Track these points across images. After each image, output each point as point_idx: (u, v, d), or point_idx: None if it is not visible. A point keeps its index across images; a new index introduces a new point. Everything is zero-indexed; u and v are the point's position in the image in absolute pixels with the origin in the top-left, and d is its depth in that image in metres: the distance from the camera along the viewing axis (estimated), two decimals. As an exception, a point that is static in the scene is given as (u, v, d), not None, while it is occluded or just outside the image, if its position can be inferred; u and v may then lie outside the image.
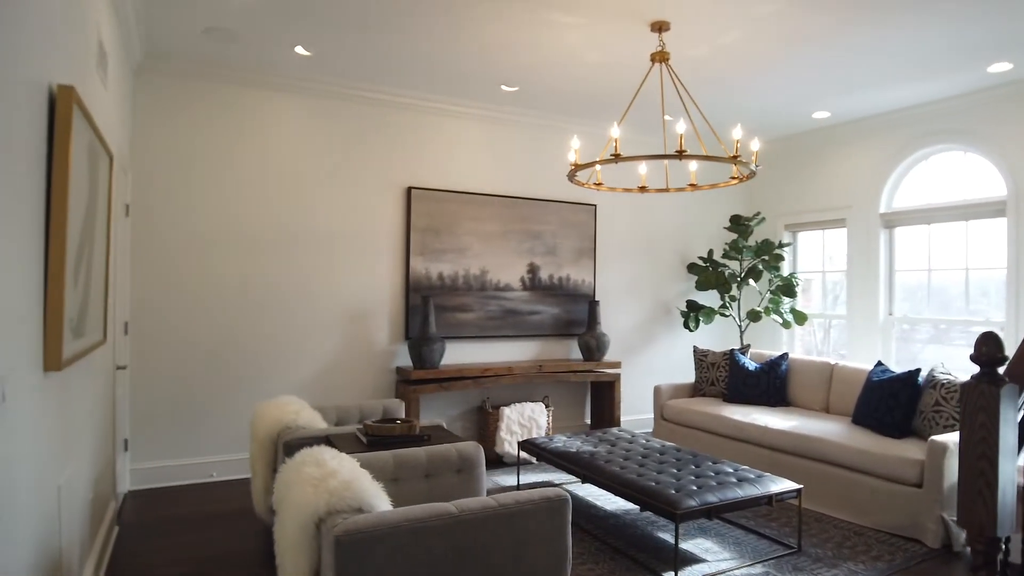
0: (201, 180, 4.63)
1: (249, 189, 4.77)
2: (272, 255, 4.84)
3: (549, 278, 5.88)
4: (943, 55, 4.31)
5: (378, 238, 5.19)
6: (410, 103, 5.25)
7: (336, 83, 4.93)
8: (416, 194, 5.29)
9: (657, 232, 6.52)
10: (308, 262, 4.94)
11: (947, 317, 5.38)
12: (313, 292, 4.96)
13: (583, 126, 5.99)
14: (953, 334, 5.39)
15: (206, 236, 4.64)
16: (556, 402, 5.95)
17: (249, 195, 4.77)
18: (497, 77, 4.85)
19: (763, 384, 5.19)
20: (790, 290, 5.99)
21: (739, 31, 3.98)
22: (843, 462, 4.06)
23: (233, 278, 4.72)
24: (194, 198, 4.61)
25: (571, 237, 5.98)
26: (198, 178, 4.62)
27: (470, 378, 5.12)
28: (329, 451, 2.46)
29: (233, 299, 4.72)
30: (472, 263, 5.52)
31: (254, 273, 4.78)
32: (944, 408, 3.94)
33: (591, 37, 4.07)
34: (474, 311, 5.53)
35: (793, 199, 6.51)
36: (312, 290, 4.96)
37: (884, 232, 5.76)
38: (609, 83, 4.91)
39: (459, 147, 5.52)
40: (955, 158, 5.31)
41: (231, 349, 4.71)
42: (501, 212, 5.65)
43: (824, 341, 6.50)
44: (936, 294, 5.49)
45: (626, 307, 6.35)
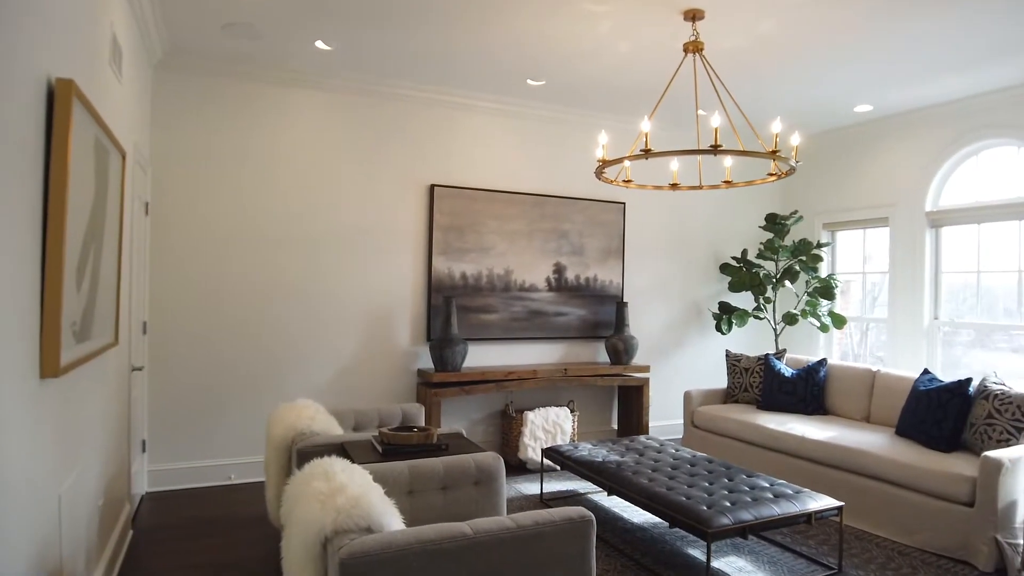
0: (221, 178, 4.56)
1: (269, 187, 4.69)
2: (292, 254, 4.75)
3: (576, 278, 5.70)
4: (991, 44, 4.02)
5: (400, 237, 5.08)
6: (433, 98, 5.12)
7: (357, 78, 4.83)
8: (439, 192, 5.16)
9: (688, 231, 6.30)
10: (328, 261, 4.85)
11: (997, 322, 5.08)
12: (333, 292, 4.87)
13: (612, 121, 5.80)
14: (1001, 339, 5.08)
15: (226, 235, 4.57)
16: (582, 407, 5.78)
17: (269, 193, 4.69)
18: (523, 71, 4.69)
19: (800, 391, 4.95)
20: (828, 292, 5.72)
21: (776, 19, 3.76)
22: (886, 476, 3.82)
23: (253, 277, 4.64)
24: (214, 196, 4.54)
25: (598, 236, 5.79)
26: (218, 176, 4.55)
27: (493, 381, 4.98)
28: (340, 463, 2.33)
29: (253, 299, 4.64)
30: (496, 263, 5.38)
31: (274, 272, 4.70)
32: (998, 421, 3.68)
33: (621, 26, 3.89)
34: (498, 312, 5.39)
35: (832, 197, 6.23)
36: (332, 290, 4.86)
37: (930, 231, 5.46)
38: (639, 75, 4.72)
39: (483, 143, 5.38)
40: (1008, 153, 5.00)
41: (251, 349, 4.64)
42: (526, 210, 5.49)
43: (861, 344, 6.22)
44: (985, 297, 5.19)
45: (655, 309, 6.15)
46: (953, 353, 5.37)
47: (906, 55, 4.27)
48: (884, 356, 5.93)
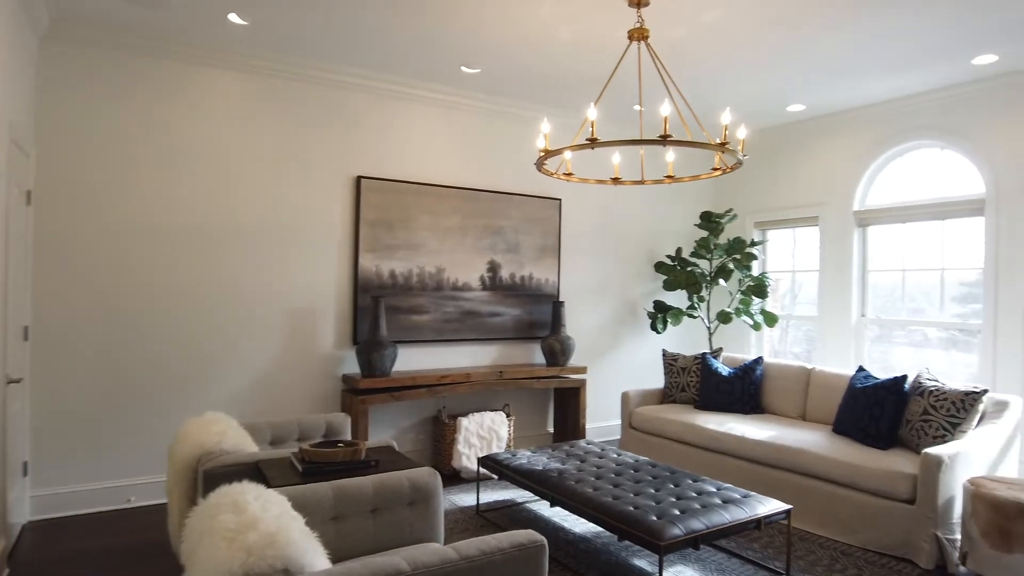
0: (118, 165, 4.06)
1: (176, 176, 4.22)
2: (202, 250, 4.30)
3: (511, 277, 5.48)
4: (929, 45, 4.08)
5: (323, 232, 4.70)
6: (361, 84, 4.78)
7: (277, 59, 4.42)
8: (367, 184, 4.82)
9: (623, 229, 6.19)
10: (242, 259, 4.42)
11: (922, 319, 5.20)
12: (248, 292, 4.44)
13: (550, 114, 5.61)
14: (926, 336, 5.21)
15: (125, 228, 4.08)
16: (517, 410, 5.56)
17: (176, 183, 4.22)
18: (458, 57, 4.42)
19: (737, 390, 4.91)
20: (762, 290, 5.74)
21: (721, 9, 3.65)
22: (828, 476, 3.79)
23: (156, 276, 4.17)
24: (111, 185, 4.04)
25: (534, 233, 5.59)
26: (115, 163, 4.05)
27: (425, 386, 4.69)
28: (252, 489, 2.00)
29: (156, 300, 4.17)
30: (428, 261, 5.08)
31: (181, 271, 4.24)
32: (933, 417, 3.70)
33: (563, 11, 3.69)
34: (429, 313, 5.09)
35: (764, 196, 6.27)
36: (247, 290, 4.44)
37: (858, 231, 5.55)
38: (581, 65, 4.54)
39: (415, 134, 5.07)
40: (932, 155, 5.13)
41: (154, 356, 4.16)
42: (460, 205, 5.22)
43: (780, 341, 6.29)
44: (910, 295, 5.31)
45: (591, 308, 6.01)
46: (884, 351, 5.48)
47: (840, 55, 4.28)
48: (800, 352, 6.00)
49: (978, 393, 3.62)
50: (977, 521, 3.18)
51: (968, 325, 4.91)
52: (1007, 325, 4.59)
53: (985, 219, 4.73)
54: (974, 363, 4.86)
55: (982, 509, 3.17)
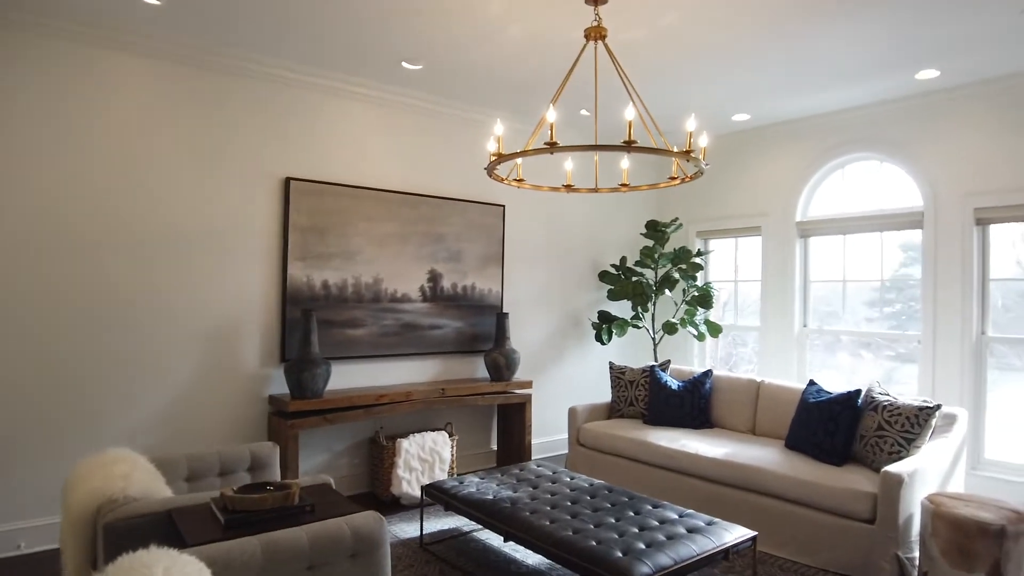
0: (11, 161, 3.52)
1: (77, 174, 3.71)
2: (108, 259, 3.80)
3: (452, 287, 5.18)
4: (874, 58, 4.08)
5: (247, 239, 4.27)
6: (292, 78, 4.37)
7: (197, 45, 3.97)
8: (297, 187, 4.41)
9: (568, 236, 6.00)
10: (156, 268, 3.94)
11: (863, 330, 5.25)
12: (163, 305, 3.96)
13: (497, 116, 5.35)
14: (867, 346, 5.27)
15: (20, 231, 3.54)
16: (459, 428, 5.26)
17: (77, 182, 3.71)
18: (399, 51, 4.10)
19: (687, 404, 4.79)
20: (707, 300, 5.67)
21: (679, 12, 3.50)
22: (785, 494, 3.69)
23: (54, 286, 3.64)
24: (1, 184, 3.50)
25: (477, 241, 5.31)
26: (6, 158, 3.51)
27: (361, 407, 4.32)
28: (163, 558, 1.64)
29: (53, 315, 3.64)
30: (364, 270, 4.72)
31: (84, 280, 3.72)
32: (888, 433, 3.66)
33: (516, 7, 3.44)
34: (366, 326, 4.73)
35: (707, 205, 6.23)
36: (162, 303, 3.96)
37: (800, 241, 5.57)
38: (531, 65, 4.30)
39: (351, 134, 4.70)
40: (872, 167, 5.19)
41: (50, 379, 3.63)
42: (399, 211, 4.89)
43: (722, 351, 6.26)
44: (851, 306, 5.36)
45: (536, 319, 5.78)
46: (820, 359, 5.50)
47: (786, 67, 4.24)
48: (739, 362, 5.99)
49: (932, 408, 3.60)
50: (937, 540, 3.12)
51: (907, 336, 4.97)
52: (945, 337, 4.66)
53: (924, 232, 4.80)
54: (914, 373, 4.92)
55: (942, 528, 3.11)
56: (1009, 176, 4.38)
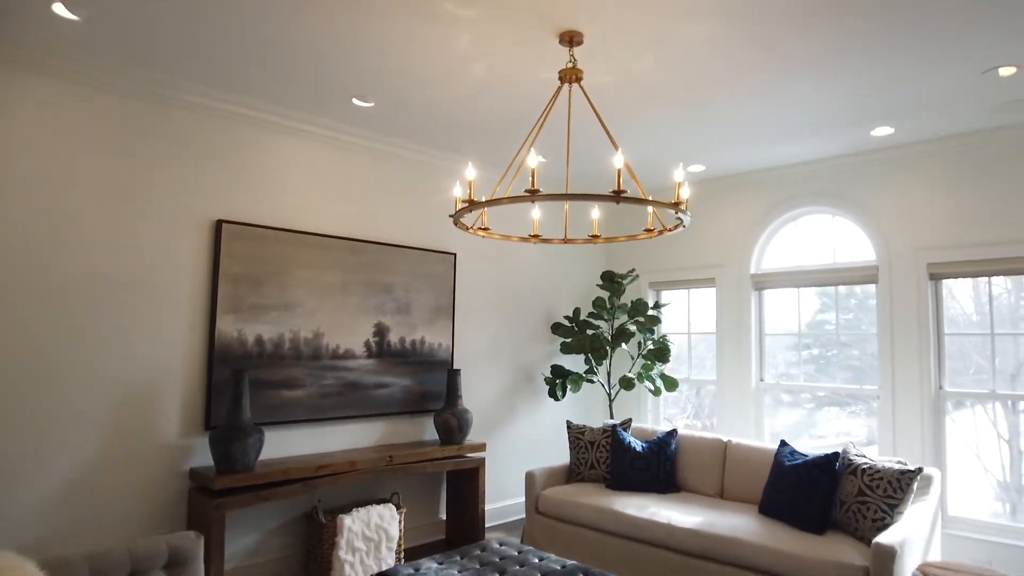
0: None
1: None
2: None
3: (400, 342, 4.77)
4: (832, 114, 4.09)
5: (170, 288, 3.75)
6: (227, 110, 3.95)
7: (119, 68, 3.51)
8: (229, 230, 3.95)
9: (520, 287, 5.72)
10: (55, 322, 3.37)
11: (821, 384, 5.18)
12: (66, 365, 3.37)
13: (451, 162, 5.07)
14: (823, 400, 5.20)
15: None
16: (406, 497, 4.78)
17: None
18: (349, 86, 3.77)
19: (652, 467, 4.51)
20: (664, 354, 5.48)
21: (654, 57, 3.35)
22: (766, 567, 3.43)
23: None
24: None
25: (427, 292, 4.95)
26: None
27: (299, 480, 3.81)
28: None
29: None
30: (303, 323, 4.26)
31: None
32: (871, 498, 3.49)
33: (484, 44, 3.19)
34: (304, 387, 4.24)
35: (660, 255, 6.11)
36: (64, 362, 3.37)
37: (755, 294, 5.50)
38: (493, 106, 4.06)
39: (291, 173, 4.29)
40: (826, 221, 5.21)
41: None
42: (343, 259, 4.47)
43: (675, 406, 6.09)
44: (807, 360, 5.29)
45: (487, 375, 5.42)
46: (781, 414, 5.39)
47: (744, 119, 4.21)
48: (695, 417, 5.83)
49: (913, 472, 3.46)
50: (936, 618, 2.93)
51: (864, 392, 4.92)
52: (904, 392, 4.62)
53: (879, 286, 4.80)
54: (873, 426, 4.86)
55: (940, 604, 2.93)
56: (961, 232, 4.45)
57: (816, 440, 5.24)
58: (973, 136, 4.34)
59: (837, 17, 2.93)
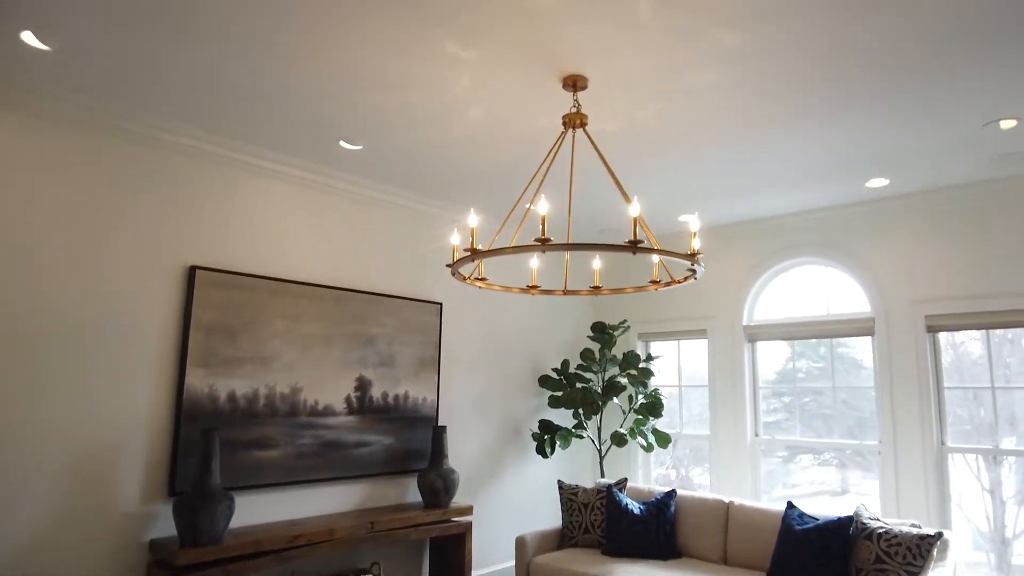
0: None
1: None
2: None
3: (383, 397, 4.49)
4: (829, 165, 4.05)
5: (137, 339, 3.45)
6: (205, 149, 3.73)
7: (91, 103, 3.28)
8: (204, 277, 3.68)
9: (507, 338, 5.50)
10: (8, 370, 3.03)
11: (817, 440, 5.02)
12: (14, 419, 3.03)
13: (439, 209, 4.90)
14: (820, 457, 5.03)
15: None
16: (387, 567, 4.42)
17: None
18: (337, 128, 3.60)
19: (651, 531, 4.25)
20: (656, 408, 5.28)
21: (659, 105, 3.26)
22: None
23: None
24: None
25: (412, 343, 4.70)
26: None
27: (272, 552, 3.47)
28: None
29: None
30: (280, 378, 3.96)
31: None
32: (889, 566, 3.29)
33: (482, 84, 3.06)
34: (279, 446, 3.92)
35: (650, 306, 5.97)
36: (13, 415, 3.02)
37: (748, 345, 5.37)
38: (487, 152, 3.92)
39: (272, 218, 4.06)
40: (822, 272, 5.13)
41: None
42: (325, 309, 4.22)
43: (665, 463, 5.86)
44: (804, 415, 5.14)
45: (473, 431, 5.14)
46: (777, 473, 5.20)
47: (739, 170, 4.17)
48: (686, 473, 5.61)
49: (933, 538, 3.28)
50: None
51: (864, 447, 4.77)
52: (906, 447, 4.48)
53: (876, 339, 4.71)
54: (875, 481, 4.69)
55: None
56: (959, 284, 4.40)
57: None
58: (969, 188, 4.33)
59: (844, 68, 2.87)
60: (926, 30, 2.57)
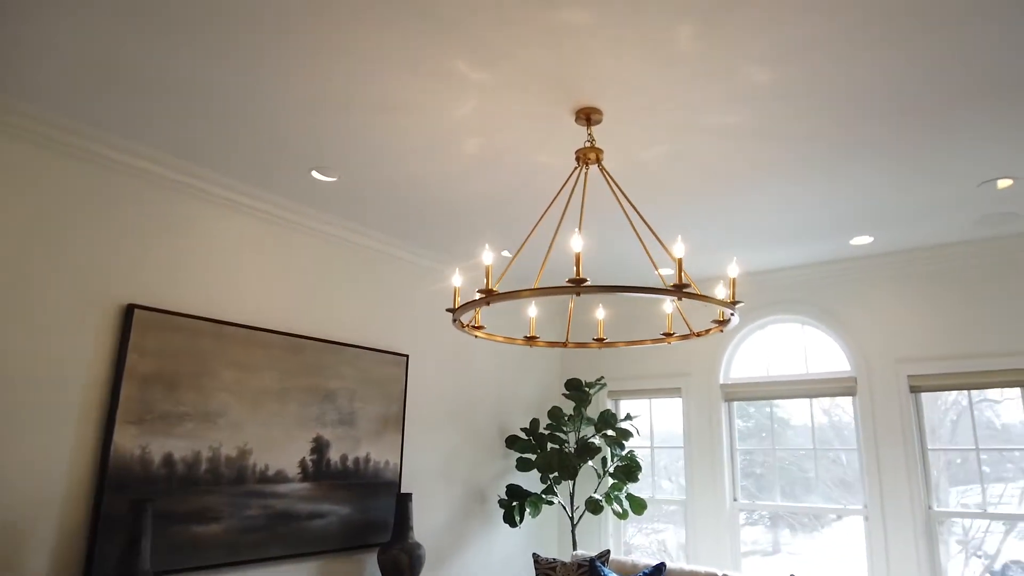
0: None
1: None
2: None
3: (342, 460, 3.97)
4: (818, 220, 3.98)
5: (56, 390, 2.86)
6: (151, 171, 3.26)
7: (15, 108, 2.78)
8: (143, 318, 3.15)
9: (473, 393, 5.08)
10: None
11: (798, 504, 4.80)
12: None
13: (412, 253, 4.52)
14: (802, 521, 4.80)
15: None
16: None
17: None
18: (310, 155, 3.21)
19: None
20: (632, 472, 4.94)
21: (666, 146, 3.06)
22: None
23: None
24: None
25: (375, 399, 4.22)
26: None
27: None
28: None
29: None
30: (227, 438, 3.41)
31: None
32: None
33: (487, 111, 2.78)
34: (222, 519, 3.33)
35: (621, 362, 5.70)
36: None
37: (724, 405, 5.16)
38: (477, 187, 3.60)
39: (225, 254, 3.58)
40: (793, 330, 5.02)
41: None
42: (280, 358, 3.72)
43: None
44: (783, 478, 4.92)
45: (437, 498, 4.64)
46: (756, 538, 4.92)
47: (722, 225, 4.03)
48: (661, 541, 5.28)
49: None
50: None
51: (849, 510, 4.58)
52: (894, 512, 4.31)
53: (859, 400, 4.59)
54: (860, 545, 4.48)
55: None
56: (942, 344, 4.35)
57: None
58: (952, 248, 4.34)
59: (854, 115, 2.77)
60: (934, 81, 2.50)
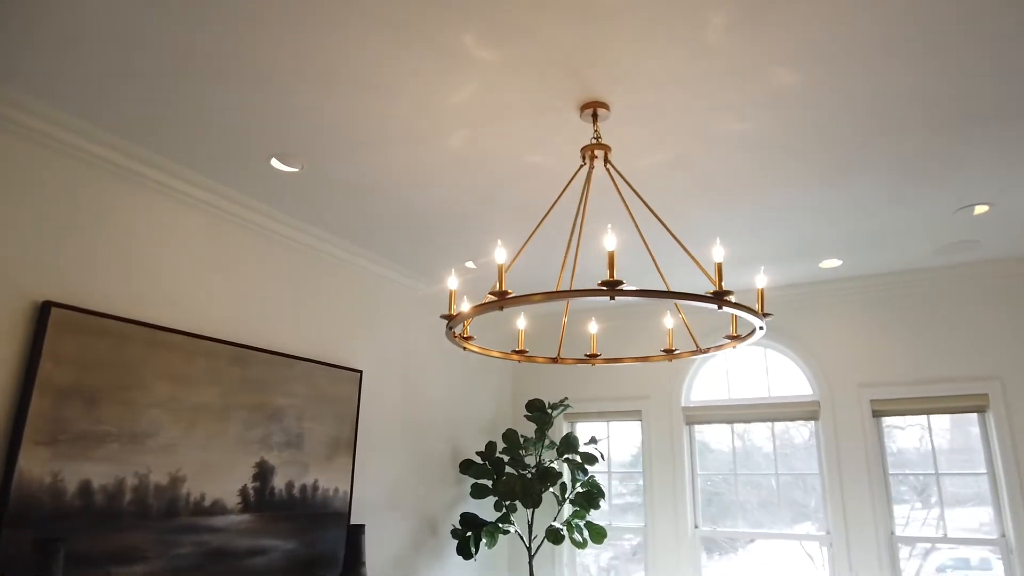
0: None
1: None
2: None
3: (287, 488, 3.51)
4: (789, 242, 3.95)
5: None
6: (78, 146, 2.78)
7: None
8: (61, 318, 2.65)
9: (425, 414, 4.72)
10: None
11: (761, 530, 4.69)
12: None
13: (374, 263, 4.14)
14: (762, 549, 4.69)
15: None
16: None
17: None
18: (270, 141, 2.83)
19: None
20: (594, 499, 4.70)
21: (674, 152, 2.90)
22: None
23: None
24: None
25: (325, 419, 3.80)
26: None
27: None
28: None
29: None
30: (157, 463, 2.92)
31: None
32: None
33: (484, 99, 2.51)
34: (148, 560, 2.83)
35: (577, 382, 5.48)
36: None
37: (686, 428, 5.02)
38: (455, 189, 3.31)
39: (162, 249, 3.11)
40: (755, 352, 4.97)
41: None
42: (222, 371, 3.26)
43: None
44: (744, 503, 4.81)
45: (390, 530, 4.22)
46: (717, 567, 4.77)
47: (690, 245, 3.91)
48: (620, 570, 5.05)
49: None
50: None
51: (814, 536, 4.51)
52: (858, 537, 4.26)
53: (821, 423, 4.55)
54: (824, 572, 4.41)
55: None
56: (904, 369, 4.37)
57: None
58: (915, 274, 4.39)
59: (843, 138, 2.72)
60: (926, 102, 2.48)
